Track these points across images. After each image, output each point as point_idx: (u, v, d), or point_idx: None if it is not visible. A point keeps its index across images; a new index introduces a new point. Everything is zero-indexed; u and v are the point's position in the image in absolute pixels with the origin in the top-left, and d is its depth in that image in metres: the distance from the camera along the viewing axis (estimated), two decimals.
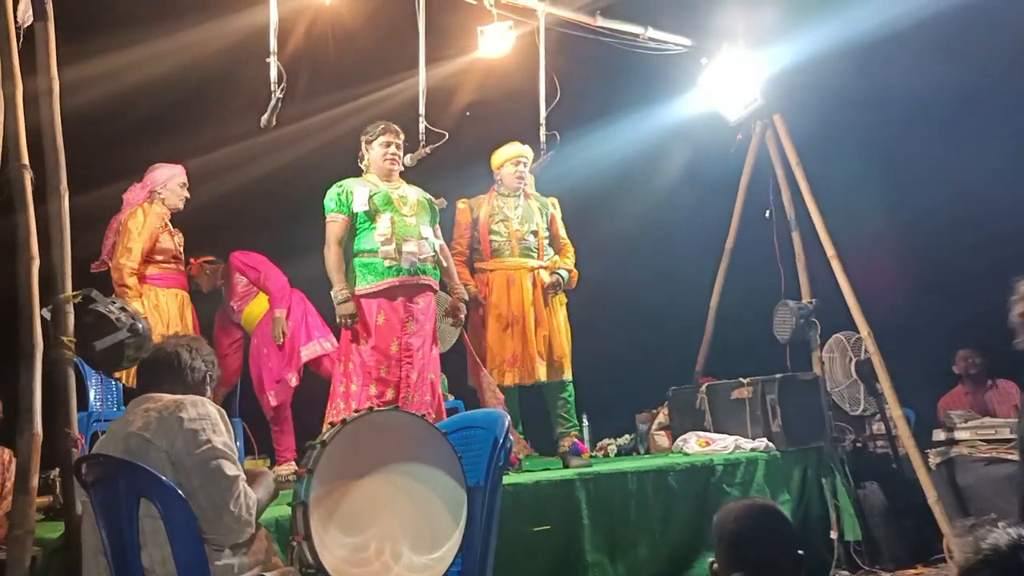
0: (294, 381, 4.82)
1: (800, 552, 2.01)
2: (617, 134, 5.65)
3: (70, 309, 3.01)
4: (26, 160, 2.89)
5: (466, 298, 4.51)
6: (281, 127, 4.10)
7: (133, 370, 3.80)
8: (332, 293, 4.13)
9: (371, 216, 4.16)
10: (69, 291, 3.01)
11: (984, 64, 5.42)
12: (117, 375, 4.25)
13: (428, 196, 4.41)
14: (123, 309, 3.20)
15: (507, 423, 2.84)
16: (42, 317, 2.87)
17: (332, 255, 4.16)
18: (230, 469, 2.28)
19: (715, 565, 2.02)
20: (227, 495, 2.24)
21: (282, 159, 5.12)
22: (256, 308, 4.96)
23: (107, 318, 3.13)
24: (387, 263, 4.13)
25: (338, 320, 4.13)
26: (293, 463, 4.68)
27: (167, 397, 2.38)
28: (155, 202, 4.51)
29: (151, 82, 4.66)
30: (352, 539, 2.56)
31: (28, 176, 2.86)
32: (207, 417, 2.31)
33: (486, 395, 4.62)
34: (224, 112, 4.93)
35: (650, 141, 5.69)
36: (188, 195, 4.62)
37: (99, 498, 2.23)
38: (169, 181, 4.56)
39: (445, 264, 4.40)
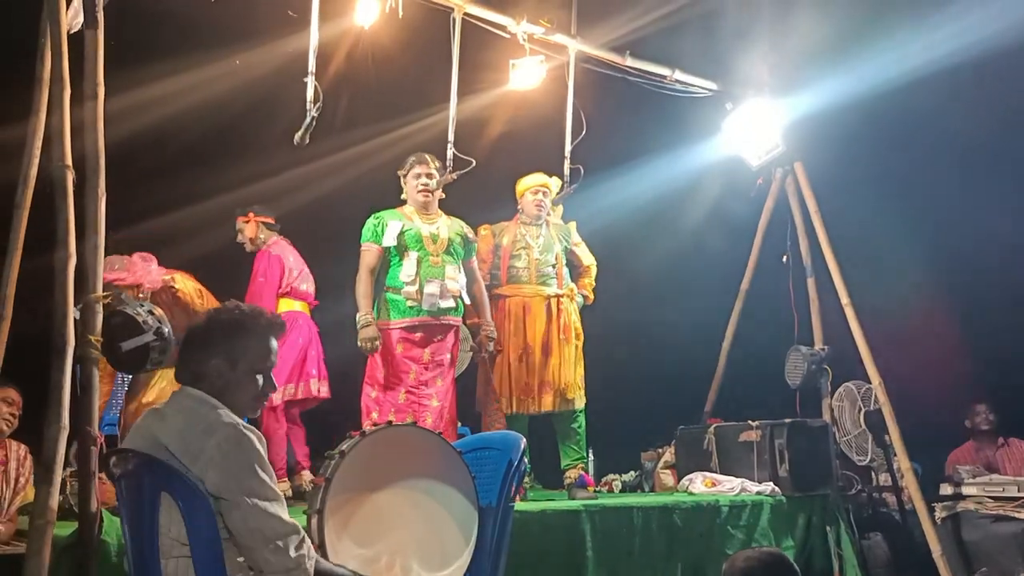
0: (276, 400, 4.67)
1: None
2: (640, 174, 5.74)
3: (99, 309, 3.06)
4: (69, 161, 2.97)
5: (493, 335, 4.61)
6: (315, 160, 4.19)
7: None
8: (356, 317, 4.25)
9: (399, 252, 4.30)
10: (100, 291, 3.06)
11: (1001, 115, 5.48)
12: None
13: (464, 230, 4.51)
14: (151, 312, 3.27)
15: (523, 446, 2.88)
16: None
17: (362, 283, 4.32)
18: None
19: None
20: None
21: (318, 190, 5.20)
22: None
23: (135, 320, 3.20)
24: (409, 303, 4.28)
25: (360, 344, 4.24)
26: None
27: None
28: None
29: (188, 113, 4.73)
30: (364, 550, 2.59)
31: (70, 176, 2.94)
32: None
33: (493, 424, 4.68)
34: (262, 144, 5.02)
35: (672, 182, 5.77)
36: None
37: (124, 492, 2.27)
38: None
39: (468, 302, 4.52)
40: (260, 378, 2.35)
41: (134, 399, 4.16)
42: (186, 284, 4.17)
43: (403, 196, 4.50)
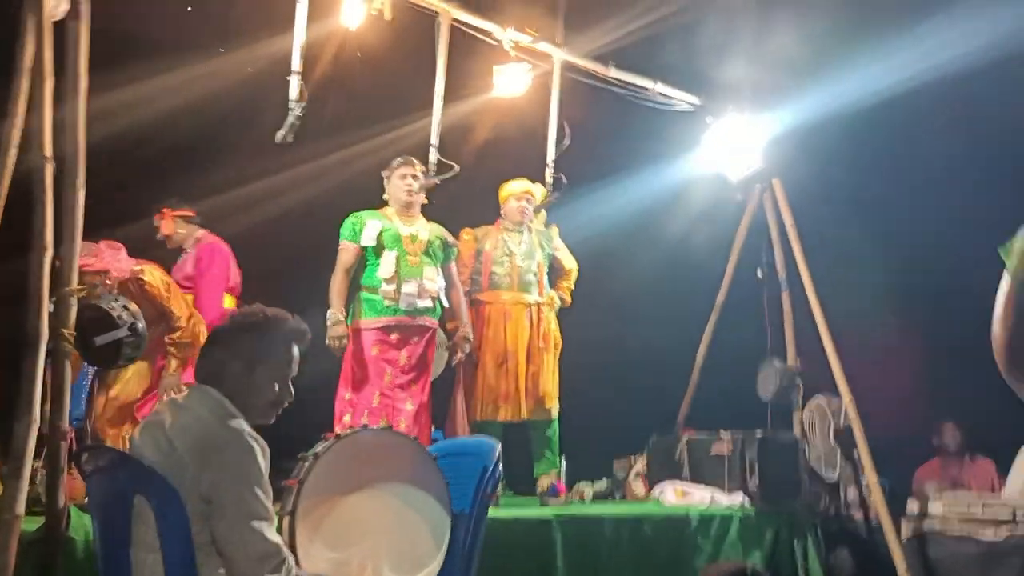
0: None
1: None
2: (622, 185, 5.76)
3: (73, 303, 3.03)
4: (50, 152, 2.93)
5: (470, 337, 4.61)
6: (300, 164, 4.17)
7: None
8: (327, 315, 4.24)
9: (377, 252, 4.30)
10: (75, 285, 3.03)
11: (976, 133, 5.57)
12: None
13: (444, 235, 4.52)
14: (125, 307, 3.25)
15: (498, 453, 2.88)
16: None
17: (336, 280, 4.32)
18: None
19: None
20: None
21: (301, 195, 5.15)
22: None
23: (108, 314, 3.18)
24: (386, 302, 4.27)
25: (327, 342, 4.22)
26: None
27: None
28: None
29: (169, 115, 4.67)
30: (335, 554, 2.58)
31: (50, 168, 2.91)
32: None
33: (457, 428, 4.68)
34: (246, 147, 4.97)
35: (653, 195, 5.80)
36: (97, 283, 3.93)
37: (95, 489, 2.24)
38: None
39: (447, 305, 4.51)
40: (277, 385, 2.33)
41: (103, 393, 4.10)
42: (154, 276, 4.10)
43: (385, 197, 4.49)
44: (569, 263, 5.21)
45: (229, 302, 4.83)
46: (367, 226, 4.35)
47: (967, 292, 5.97)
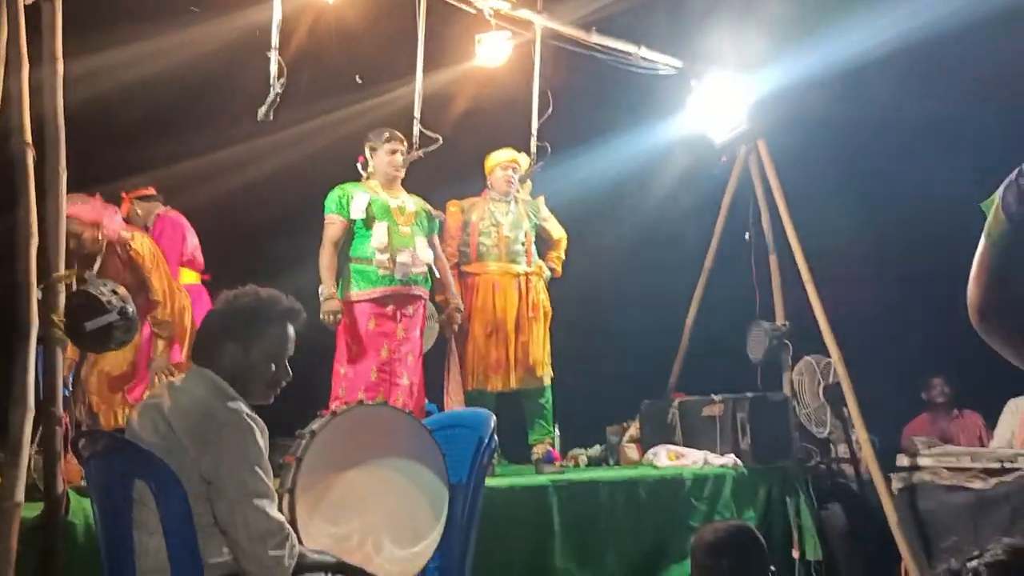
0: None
1: (773, 569, 2.11)
2: (607, 152, 5.75)
3: (62, 289, 3.02)
4: (29, 138, 2.91)
5: (461, 307, 4.61)
6: (279, 131, 4.13)
7: None
8: (319, 290, 4.21)
9: (367, 224, 4.26)
10: (63, 271, 3.02)
11: (964, 92, 5.56)
12: None
13: (427, 207, 4.50)
14: (114, 292, 3.23)
15: (493, 423, 2.90)
16: None
17: (326, 255, 4.26)
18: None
19: None
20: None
21: (279, 162, 5.11)
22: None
23: (98, 300, 3.16)
24: (381, 272, 4.24)
25: (322, 317, 4.19)
26: None
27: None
28: None
29: (149, 81, 4.61)
30: (335, 529, 2.59)
31: (31, 154, 2.88)
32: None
33: (451, 400, 4.70)
34: (223, 114, 4.92)
35: (638, 160, 5.79)
36: (87, 240, 3.82)
37: (94, 474, 2.25)
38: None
39: (438, 275, 4.51)
40: (274, 365, 2.35)
41: (92, 372, 4.08)
42: (142, 245, 4.05)
43: (369, 169, 4.42)
44: (557, 232, 5.19)
45: (190, 276, 4.80)
46: (355, 198, 4.29)
47: (954, 248, 6.01)
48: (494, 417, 2.93)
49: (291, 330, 2.39)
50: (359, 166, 4.47)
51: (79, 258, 3.74)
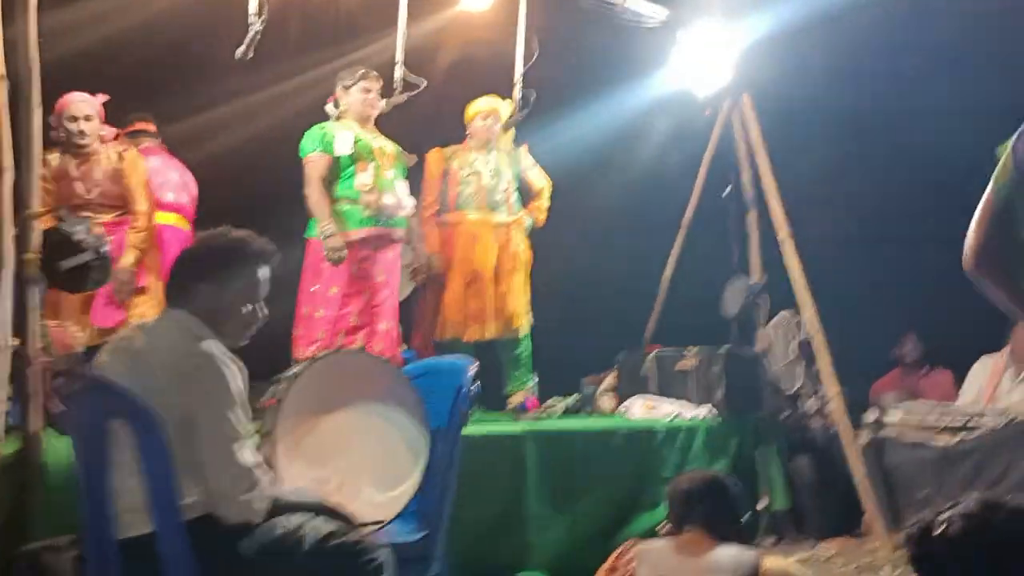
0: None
1: (742, 519, 2.16)
2: (591, 103, 5.69)
3: (37, 226, 2.97)
4: (3, 70, 2.83)
5: (428, 259, 4.58)
6: (261, 89, 4.01)
7: None
8: (319, 228, 4.07)
9: (353, 161, 4.16)
10: (37, 208, 2.97)
11: (952, 29, 5.51)
12: None
13: (400, 149, 4.42)
14: (89, 231, 3.20)
15: (472, 371, 2.92)
16: None
17: (316, 191, 4.11)
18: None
19: (666, 528, 2.16)
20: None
21: (261, 119, 5.00)
22: None
23: (72, 239, 3.12)
24: (367, 212, 4.14)
25: (327, 254, 4.05)
26: None
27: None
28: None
29: (128, 34, 4.48)
30: (315, 472, 2.62)
31: (4, 86, 2.81)
32: None
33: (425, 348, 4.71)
34: (202, 68, 4.79)
35: (623, 113, 5.74)
36: (85, 128, 4.05)
37: (73, 414, 2.24)
38: (59, 116, 4.04)
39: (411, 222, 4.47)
40: (249, 306, 2.33)
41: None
42: (136, 161, 4.14)
43: (339, 108, 4.29)
44: (540, 182, 5.16)
45: (176, 220, 4.71)
46: (338, 135, 4.17)
47: (932, 207, 6.11)
48: (475, 364, 2.95)
49: (266, 270, 2.38)
50: (330, 108, 4.34)
51: (76, 147, 3.98)
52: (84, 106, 4.08)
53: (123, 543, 2.16)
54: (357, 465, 2.70)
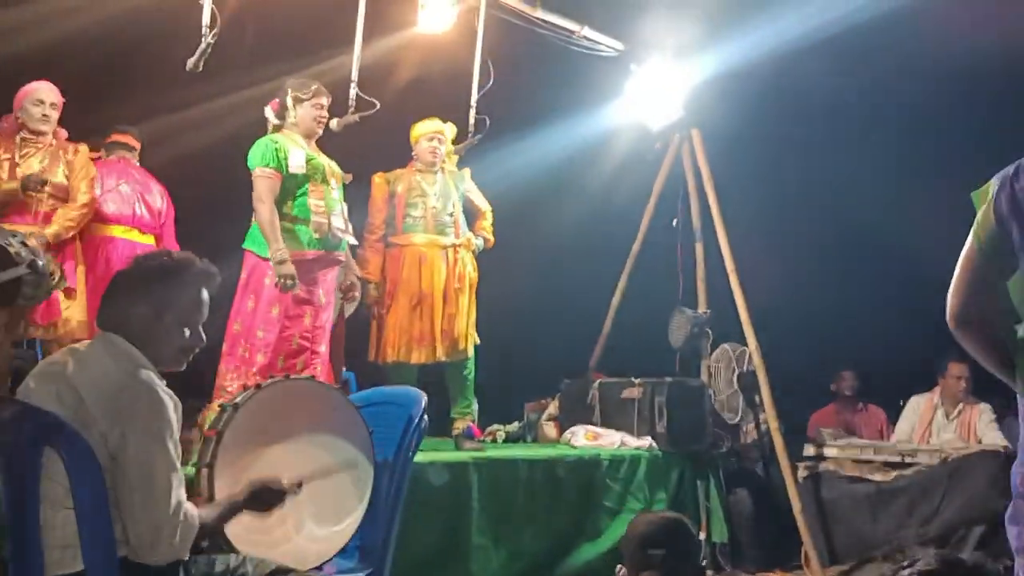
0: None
1: (703, 563, 2.13)
2: (544, 131, 5.71)
3: None
4: None
5: (359, 275, 4.50)
6: (213, 98, 3.90)
7: None
8: (272, 252, 3.88)
9: (304, 181, 4.04)
10: None
11: (890, 79, 5.69)
12: None
13: (338, 169, 4.32)
14: (24, 244, 3.06)
15: (424, 403, 2.86)
16: None
17: (268, 212, 3.91)
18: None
19: (622, 571, 2.12)
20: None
21: (212, 131, 4.88)
22: None
23: (6, 251, 2.99)
24: (316, 234, 4.03)
25: (279, 281, 3.88)
26: None
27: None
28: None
29: (74, 39, 4.35)
30: None
31: None
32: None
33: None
34: (153, 77, 4.66)
35: (575, 142, 5.78)
36: (51, 112, 4.09)
37: (0, 442, 2.11)
38: (23, 100, 4.07)
39: (354, 242, 4.38)
40: (187, 331, 2.22)
41: None
42: (88, 160, 4.14)
43: (291, 120, 4.10)
44: (484, 205, 5.13)
45: (118, 231, 4.58)
46: (291, 152, 4.00)
47: (878, 243, 6.28)
48: (424, 397, 2.89)
49: (205, 294, 2.28)
50: (271, 113, 4.17)
51: (35, 133, 4.04)
52: (52, 93, 4.12)
53: None
54: (300, 498, 2.59)
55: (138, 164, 4.73)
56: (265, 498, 2.31)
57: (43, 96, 4.08)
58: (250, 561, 2.15)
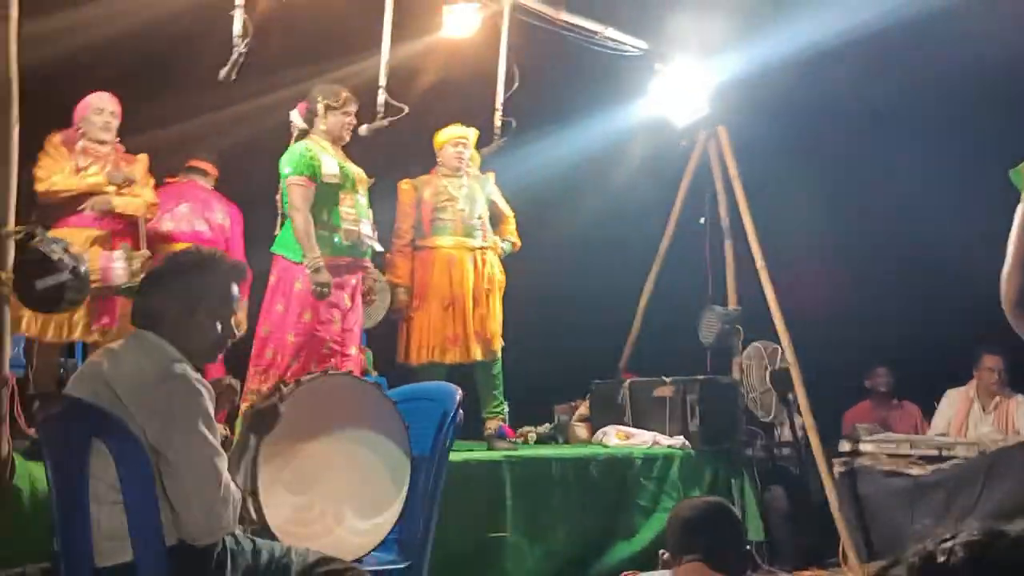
0: None
1: (748, 547, 2.13)
2: (569, 132, 5.73)
3: (11, 246, 2.89)
4: None
5: (383, 280, 4.61)
6: (242, 101, 3.96)
7: None
8: (307, 259, 3.95)
9: (337, 189, 4.10)
10: (12, 225, 2.89)
11: (918, 81, 5.65)
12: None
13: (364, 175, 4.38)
14: (66, 250, 3.12)
15: (459, 397, 2.88)
16: None
17: (302, 219, 3.98)
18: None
19: (666, 555, 2.12)
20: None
21: (241, 134, 4.95)
22: None
23: (49, 258, 3.05)
24: (347, 241, 4.09)
25: (314, 288, 3.94)
26: None
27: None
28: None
29: (111, 43, 4.42)
30: (297, 498, 2.58)
31: None
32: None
33: None
34: (184, 82, 4.74)
35: (600, 141, 5.78)
36: (111, 120, 4.16)
37: (50, 437, 2.17)
38: (85, 111, 4.14)
39: (380, 249, 4.45)
40: (219, 324, 2.26)
41: None
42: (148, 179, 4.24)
43: (321, 127, 4.16)
44: (507, 210, 5.16)
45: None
46: (324, 161, 4.07)
47: (906, 238, 6.23)
48: (460, 392, 2.91)
49: (235, 289, 2.32)
50: (298, 118, 4.22)
51: (97, 142, 4.12)
52: (112, 103, 4.19)
53: (100, 572, 2.08)
54: (339, 491, 2.65)
55: (211, 188, 4.88)
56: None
57: (104, 105, 4.15)
58: (294, 550, 2.19)
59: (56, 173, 3.98)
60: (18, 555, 2.61)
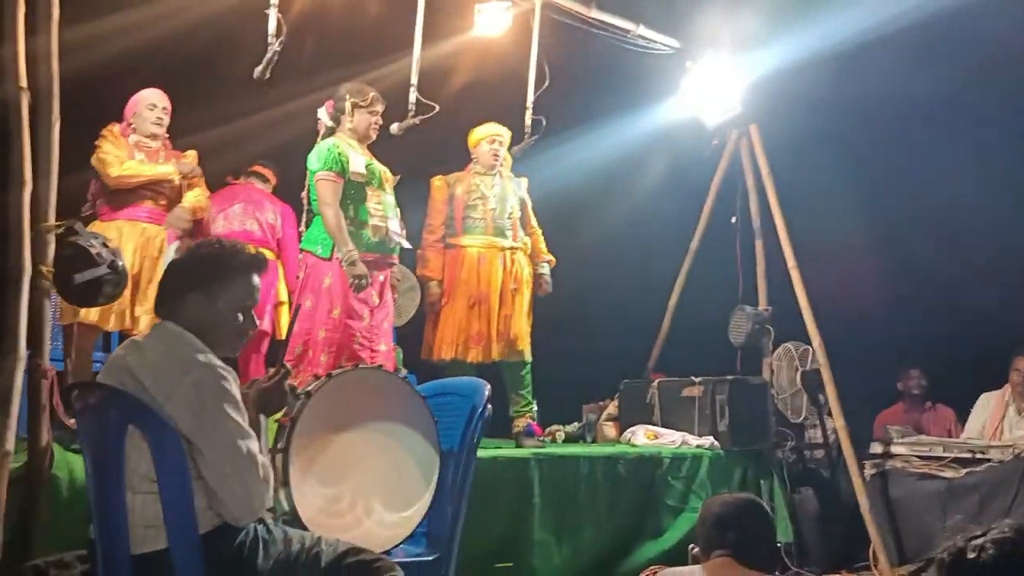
0: None
1: (779, 544, 2.13)
2: (600, 130, 5.73)
3: (51, 239, 2.96)
4: (24, 83, 2.84)
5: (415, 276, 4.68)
6: (276, 103, 3.99)
7: None
8: (342, 253, 4.00)
9: (364, 185, 4.15)
10: (52, 220, 2.96)
11: (958, 74, 5.57)
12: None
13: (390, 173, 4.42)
14: (104, 245, 3.18)
15: (487, 393, 2.90)
16: None
17: (333, 214, 4.02)
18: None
19: (696, 550, 2.12)
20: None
21: (276, 136, 5.02)
22: None
23: (88, 252, 3.10)
24: (375, 237, 4.14)
25: (351, 282, 4.00)
26: None
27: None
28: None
29: (150, 47, 4.51)
30: (328, 490, 2.61)
31: (25, 99, 2.81)
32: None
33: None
34: (220, 84, 4.82)
35: (631, 140, 5.77)
36: (163, 116, 4.20)
37: (87, 426, 2.22)
38: (137, 107, 4.18)
39: (408, 245, 4.48)
40: (240, 315, 2.30)
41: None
42: (192, 160, 4.27)
43: (348, 125, 4.20)
44: (534, 222, 5.15)
45: None
46: (352, 158, 4.12)
47: (942, 242, 6.14)
48: (488, 387, 2.93)
49: (256, 279, 2.35)
50: (324, 115, 4.27)
51: (149, 137, 4.16)
52: (163, 99, 4.22)
53: (135, 559, 2.13)
54: (369, 484, 2.68)
55: (269, 192, 4.99)
56: (270, 399, 2.36)
57: (155, 101, 4.19)
58: (324, 541, 2.22)
59: (125, 160, 4.04)
60: (56, 542, 2.67)
